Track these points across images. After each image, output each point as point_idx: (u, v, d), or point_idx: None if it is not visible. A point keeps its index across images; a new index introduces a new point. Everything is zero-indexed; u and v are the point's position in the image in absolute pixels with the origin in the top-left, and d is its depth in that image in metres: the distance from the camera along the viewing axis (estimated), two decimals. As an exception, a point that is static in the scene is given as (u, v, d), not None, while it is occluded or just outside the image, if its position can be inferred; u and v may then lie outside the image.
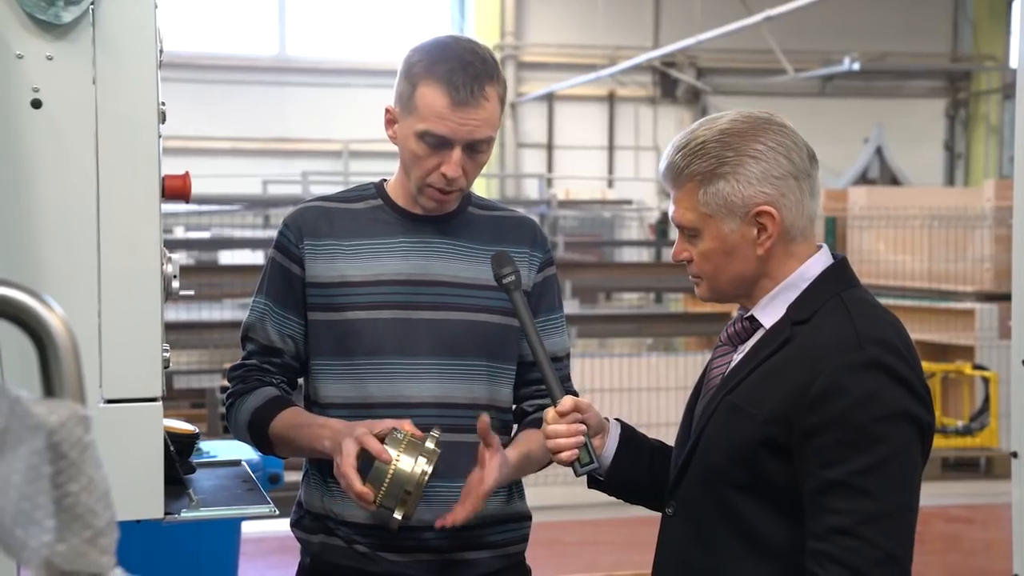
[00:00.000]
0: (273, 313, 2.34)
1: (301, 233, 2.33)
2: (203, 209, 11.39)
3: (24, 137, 1.85)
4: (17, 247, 1.86)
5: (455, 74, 2.19)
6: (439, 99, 2.19)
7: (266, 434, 2.31)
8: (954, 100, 17.21)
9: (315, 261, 2.31)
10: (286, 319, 2.34)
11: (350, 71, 15.04)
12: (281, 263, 2.34)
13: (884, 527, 1.76)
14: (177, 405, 7.98)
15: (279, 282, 2.34)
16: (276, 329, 2.34)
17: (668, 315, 11.53)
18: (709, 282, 1.95)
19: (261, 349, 2.36)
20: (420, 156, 2.23)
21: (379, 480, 2.09)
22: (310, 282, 2.31)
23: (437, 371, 2.28)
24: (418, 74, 2.22)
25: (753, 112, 1.93)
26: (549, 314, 2.40)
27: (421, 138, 2.22)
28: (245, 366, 2.38)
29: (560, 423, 2.01)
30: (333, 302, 2.29)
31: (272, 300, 2.35)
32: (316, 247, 2.31)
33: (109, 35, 1.87)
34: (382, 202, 2.36)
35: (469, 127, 2.20)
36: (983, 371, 8.64)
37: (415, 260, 2.31)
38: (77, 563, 0.92)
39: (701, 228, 1.90)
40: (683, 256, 1.95)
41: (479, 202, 2.42)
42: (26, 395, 0.94)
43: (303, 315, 2.33)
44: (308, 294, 2.32)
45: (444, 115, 2.19)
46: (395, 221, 2.34)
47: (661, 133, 16.06)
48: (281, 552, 5.69)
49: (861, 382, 1.78)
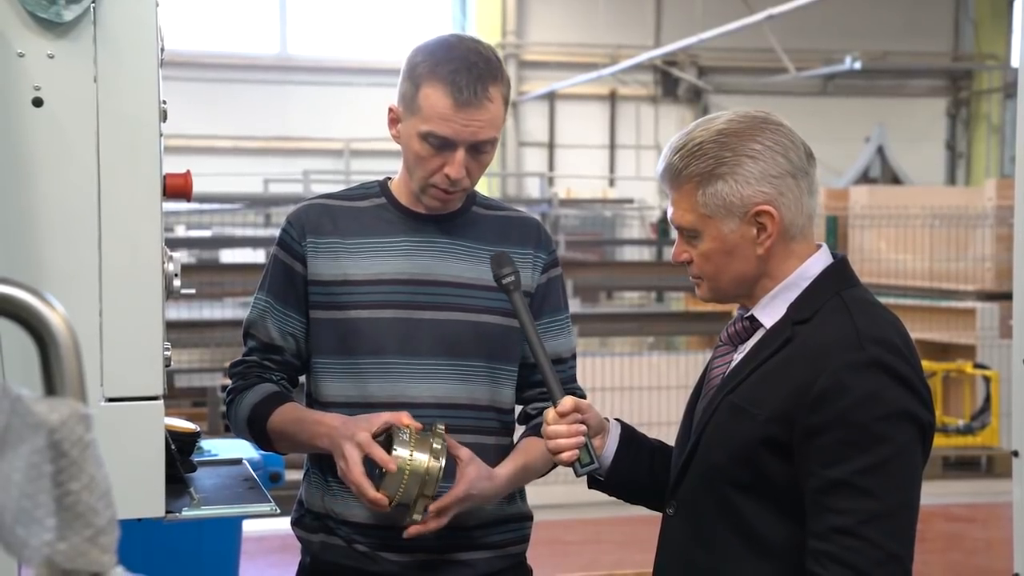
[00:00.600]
0: (274, 310, 2.34)
1: (304, 231, 2.32)
2: (204, 208, 11.39)
3: (25, 136, 1.85)
4: (18, 245, 1.86)
5: (459, 75, 2.18)
6: (442, 100, 2.18)
7: (264, 430, 2.31)
8: (955, 99, 17.21)
9: (317, 259, 2.31)
10: (287, 316, 2.33)
11: (352, 70, 15.04)
12: (283, 260, 2.34)
13: (886, 527, 1.76)
14: (178, 404, 7.98)
15: (281, 279, 2.34)
16: (277, 327, 2.34)
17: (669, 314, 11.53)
18: (710, 283, 1.95)
19: (261, 346, 2.36)
20: (423, 157, 2.23)
21: (395, 484, 2.09)
22: (312, 280, 2.31)
23: (438, 371, 2.28)
24: (422, 74, 2.21)
25: (749, 112, 1.93)
26: (554, 315, 2.40)
27: (424, 139, 2.21)
28: (246, 362, 2.38)
29: (560, 424, 2.01)
30: (335, 300, 2.29)
31: (273, 297, 2.34)
32: (319, 245, 2.31)
33: (110, 33, 1.87)
34: (385, 201, 2.36)
35: (473, 128, 2.19)
36: (984, 370, 8.64)
37: (418, 260, 2.30)
38: (78, 561, 0.92)
39: (700, 229, 1.90)
40: (683, 257, 1.95)
41: (483, 201, 2.41)
42: (27, 393, 0.94)
43: (305, 313, 2.33)
44: (310, 292, 2.31)
45: (447, 116, 2.18)
46: (398, 220, 2.33)
47: (662, 132, 16.06)
48: (282, 551, 5.69)
49: (862, 382, 1.78)
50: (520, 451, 2.32)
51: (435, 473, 2.08)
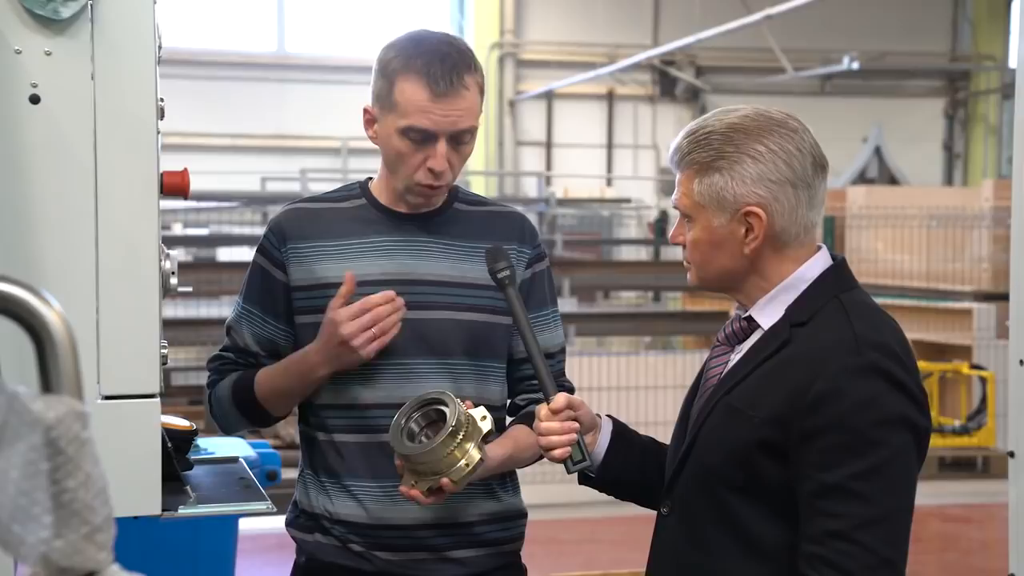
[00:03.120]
0: (251, 316, 2.35)
1: (284, 237, 2.32)
2: (201, 206, 11.39)
3: (22, 133, 1.85)
4: (15, 243, 1.85)
5: (433, 66, 2.17)
6: (419, 92, 2.18)
7: (253, 396, 2.31)
8: (953, 100, 17.21)
9: (299, 265, 2.30)
10: (264, 322, 2.34)
11: (349, 68, 15.01)
12: (264, 267, 2.34)
13: (879, 532, 1.75)
14: (175, 402, 7.97)
15: (259, 285, 2.34)
16: (251, 332, 2.35)
17: (666, 314, 11.54)
18: (697, 270, 1.96)
19: (236, 349, 2.38)
20: (404, 153, 2.22)
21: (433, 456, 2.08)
22: (294, 286, 2.31)
23: (423, 371, 2.27)
24: (395, 70, 2.20)
25: (770, 111, 1.91)
26: (540, 310, 2.37)
27: (404, 134, 2.20)
28: (222, 358, 2.40)
29: (553, 420, 2.01)
30: (317, 304, 2.27)
31: (251, 303, 2.35)
32: (299, 250, 2.30)
33: (108, 31, 1.87)
34: (366, 201, 2.35)
35: (452, 118, 2.19)
36: (980, 371, 8.64)
37: (399, 259, 2.29)
38: (74, 559, 0.92)
39: (693, 216, 1.91)
40: (678, 240, 1.96)
41: (465, 197, 2.40)
42: (24, 391, 0.94)
43: (286, 319, 2.32)
44: (294, 298, 2.31)
45: (426, 108, 2.18)
46: (379, 220, 2.32)
47: (660, 132, 16.06)
48: (278, 549, 5.69)
49: (860, 386, 1.77)
50: (510, 437, 2.30)
51: (473, 466, 2.09)
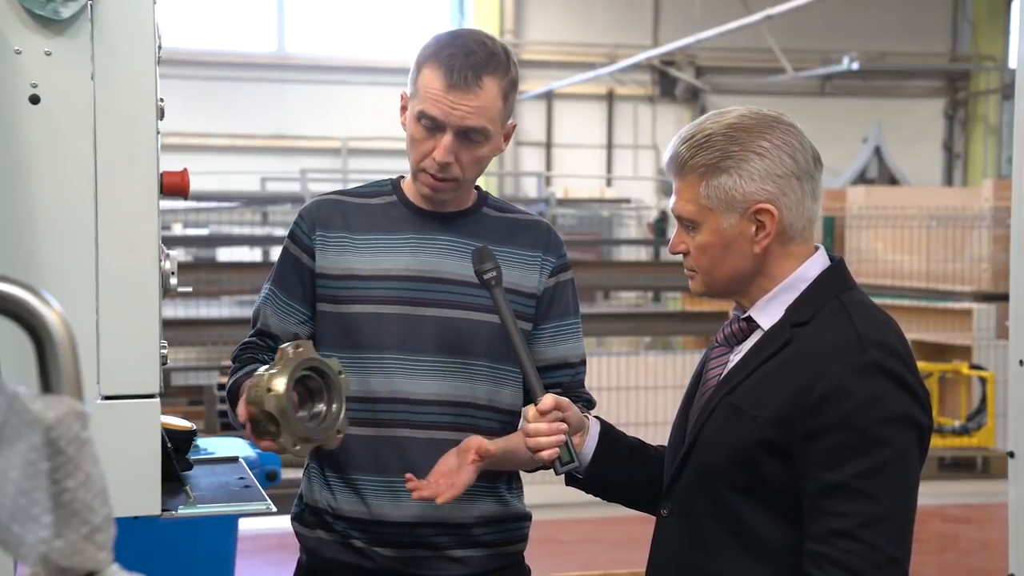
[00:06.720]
0: (277, 299, 2.36)
1: (315, 224, 2.35)
2: (201, 206, 11.39)
3: (22, 133, 1.85)
4: (15, 243, 1.85)
5: (456, 59, 2.22)
6: (436, 81, 2.22)
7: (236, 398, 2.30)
8: (953, 100, 17.21)
9: (325, 253, 2.33)
10: (290, 307, 2.35)
11: (349, 68, 15.04)
12: (293, 252, 2.37)
13: (884, 530, 1.76)
14: (174, 402, 7.97)
15: (288, 270, 2.37)
16: (276, 315, 2.36)
17: (666, 314, 11.52)
18: (704, 276, 1.94)
19: (259, 332, 2.39)
20: (416, 139, 2.26)
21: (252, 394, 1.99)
22: (319, 273, 2.33)
23: (438, 369, 2.28)
24: (425, 57, 2.26)
25: (762, 110, 1.93)
26: (563, 319, 2.38)
27: (418, 120, 2.25)
28: (245, 344, 2.39)
29: (541, 422, 2.00)
30: (339, 295, 2.31)
31: (278, 287, 2.37)
32: (327, 239, 2.33)
33: (108, 31, 1.87)
34: (396, 198, 2.38)
35: (460, 112, 2.22)
36: (980, 371, 8.64)
37: (423, 257, 2.31)
38: (74, 559, 0.92)
39: (700, 221, 1.90)
40: (680, 248, 1.95)
41: (495, 204, 2.43)
42: (24, 391, 0.94)
43: (310, 305, 2.35)
44: (317, 285, 2.33)
45: (438, 97, 2.22)
46: (406, 217, 2.35)
47: (660, 132, 16.06)
48: (278, 549, 5.70)
49: (864, 385, 1.78)
50: (512, 437, 2.27)
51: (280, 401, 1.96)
